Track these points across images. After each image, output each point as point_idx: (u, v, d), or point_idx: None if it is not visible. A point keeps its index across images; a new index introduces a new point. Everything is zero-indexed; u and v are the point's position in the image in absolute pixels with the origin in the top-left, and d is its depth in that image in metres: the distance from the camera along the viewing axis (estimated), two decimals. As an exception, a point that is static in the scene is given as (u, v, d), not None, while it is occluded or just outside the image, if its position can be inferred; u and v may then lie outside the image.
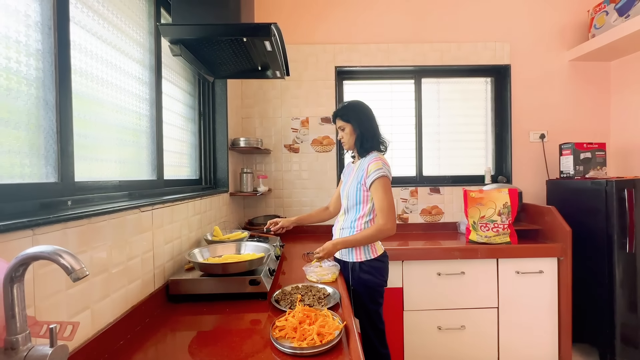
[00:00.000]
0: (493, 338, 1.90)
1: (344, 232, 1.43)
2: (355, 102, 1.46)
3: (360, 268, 1.36)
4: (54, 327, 0.51)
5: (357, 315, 1.37)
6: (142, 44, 1.26)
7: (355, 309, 1.35)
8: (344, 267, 1.42)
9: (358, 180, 1.38)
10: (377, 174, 1.32)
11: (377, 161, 1.34)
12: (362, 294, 1.36)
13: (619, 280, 1.80)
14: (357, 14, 2.40)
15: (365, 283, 1.36)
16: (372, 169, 1.33)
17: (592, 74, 2.44)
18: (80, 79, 0.93)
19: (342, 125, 1.44)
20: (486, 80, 2.53)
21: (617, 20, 2.10)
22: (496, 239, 1.91)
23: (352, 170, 1.49)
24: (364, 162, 1.39)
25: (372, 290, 1.37)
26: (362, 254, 1.37)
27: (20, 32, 0.74)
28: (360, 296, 1.36)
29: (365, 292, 1.36)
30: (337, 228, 1.49)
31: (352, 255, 1.39)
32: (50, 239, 0.66)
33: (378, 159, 1.35)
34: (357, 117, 1.42)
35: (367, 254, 1.37)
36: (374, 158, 1.36)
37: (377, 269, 1.38)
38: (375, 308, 1.38)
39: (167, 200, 1.19)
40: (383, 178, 1.32)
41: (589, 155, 2.15)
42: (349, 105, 1.45)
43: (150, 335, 0.90)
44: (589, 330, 1.96)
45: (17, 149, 0.73)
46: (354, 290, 1.37)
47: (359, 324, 1.38)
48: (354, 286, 1.37)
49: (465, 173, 2.51)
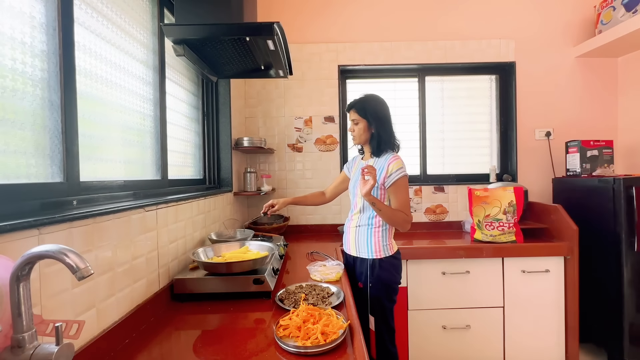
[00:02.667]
0: (498, 338, 1.89)
1: (361, 230, 1.41)
2: (375, 98, 1.42)
3: (380, 265, 1.36)
4: (59, 325, 0.51)
5: (372, 312, 1.37)
6: (145, 45, 1.27)
7: (371, 307, 1.36)
8: (360, 264, 1.41)
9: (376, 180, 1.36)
10: (398, 173, 1.33)
11: (398, 160, 1.35)
12: (379, 291, 1.36)
13: (627, 280, 1.77)
14: (360, 12, 2.39)
15: (383, 280, 1.35)
16: (393, 169, 1.33)
17: (599, 70, 2.41)
18: (85, 79, 0.93)
19: (357, 119, 1.41)
20: (491, 77, 2.50)
21: (624, 15, 2.07)
22: (501, 237, 1.89)
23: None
24: (382, 162, 1.38)
25: (389, 287, 1.37)
26: (381, 250, 1.37)
27: (26, 33, 0.74)
28: (377, 293, 1.36)
29: (383, 289, 1.36)
30: (352, 226, 1.45)
31: (371, 252, 1.37)
32: (55, 239, 0.67)
33: (397, 158, 1.36)
34: (375, 115, 1.39)
35: (386, 251, 1.37)
36: (393, 157, 1.36)
37: (395, 266, 1.39)
38: (390, 306, 1.38)
39: (172, 200, 1.19)
40: (404, 178, 1.34)
41: (596, 153, 2.12)
42: (368, 99, 1.41)
43: (155, 334, 0.90)
44: (597, 330, 1.93)
45: (23, 150, 0.74)
46: (371, 287, 1.36)
47: (374, 321, 1.37)
48: (371, 283, 1.36)
49: (470, 171, 2.49)
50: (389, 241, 1.40)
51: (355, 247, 1.43)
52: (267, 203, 1.58)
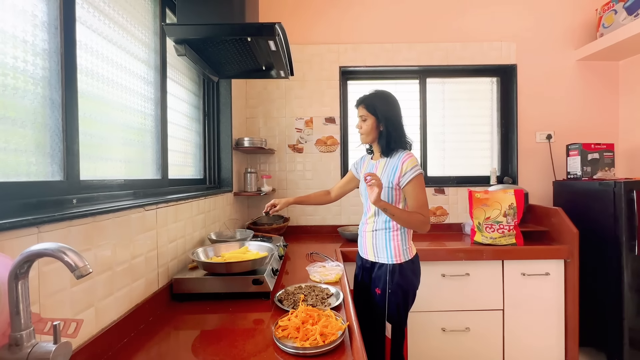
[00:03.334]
0: (498, 340, 1.88)
1: (378, 234, 1.34)
2: (385, 94, 1.35)
3: (400, 270, 1.29)
4: (57, 324, 0.51)
5: (389, 319, 1.30)
6: (147, 44, 1.27)
7: (389, 313, 1.29)
8: (378, 269, 1.34)
9: (389, 180, 1.30)
10: (414, 172, 1.26)
11: (412, 157, 1.29)
12: (398, 298, 1.29)
13: (628, 284, 1.77)
14: (362, 14, 2.39)
15: (403, 286, 1.29)
16: (407, 167, 1.27)
17: (600, 73, 2.41)
18: (86, 78, 0.93)
19: (365, 116, 1.34)
20: (492, 80, 2.50)
21: (625, 19, 2.07)
22: (502, 240, 1.89)
23: (374, 169, 1.40)
24: (394, 161, 1.31)
25: (408, 293, 1.31)
26: (401, 255, 1.30)
27: (27, 31, 0.75)
28: (396, 300, 1.29)
29: (402, 295, 1.29)
30: (368, 230, 1.38)
31: (391, 257, 1.31)
32: (55, 237, 0.67)
33: (411, 155, 1.30)
34: (385, 112, 1.32)
35: (406, 255, 1.31)
36: (407, 155, 1.30)
37: (414, 271, 1.33)
38: (407, 313, 1.33)
39: (171, 199, 1.19)
40: (420, 176, 1.27)
41: (597, 156, 2.12)
42: (378, 95, 1.35)
43: (153, 333, 0.90)
44: (597, 334, 1.93)
45: (23, 148, 0.74)
46: (390, 293, 1.29)
47: (391, 328, 1.30)
48: (391, 289, 1.29)
49: (471, 174, 2.48)
50: (409, 244, 1.33)
51: (373, 252, 1.36)
52: (269, 203, 1.55)
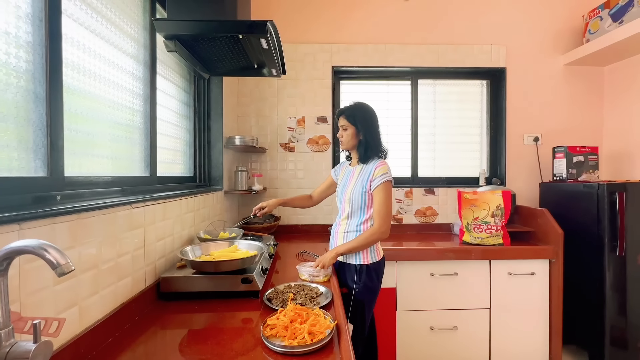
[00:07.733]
0: (485, 339, 1.91)
1: (349, 236, 1.41)
2: (364, 106, 1.44)
3: (367, 271, 1.36)
4: (37, 322, 0.50)
5: (352, 320, 1.35)
6: (136, 39, 1.25)
7: (352, 313, 1.34)
8: (347, 270, 1.41)
9: (363, 185, 1.38)
10: (382, 178, 1.35)
11: (384, 165, 1.37)
12: (364, 297, 1.36)
13: (610, 283, 1.82)
14: (355, 14, 2.40)
15: (369, 286, 1.36)
16: (378, 173, 1.35)
17: (586, 78, 2.47)
18: (72, 72, 0.91)
19: (346, 125, 1.43)
20: (482, 82, 2.54)
21: (610, 25, 2.12)
22: (489, 240, 1.92)
23: (351, 174, 1.48)
24: (369, 167, 1.40)
25: (374, 292, 1.38)
26: (369, 256, 1.38)
27: (10, 23, 0.72)
28: (362, 299, 1.36)
29: (368, 294, 1.37)
30: (340, 231, 1.46)
31: (359, 258, 1.38)
32: (37, 234, 0.65)
33: (384, 163, 1.38)
34: (364, 122, 1.41)
35: (374, 257, 1.38)
36: (380, 162, 1.39)
37: (378, 272, 1.40)
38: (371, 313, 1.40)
39: (160, 197, 1.18)
40: (387, 183, 1.35)
41: (582, 159, 2.17)
42: (357, 107, 1.44)
43: (139, 333, 0.89)
44: (580, 332, 1.98)
45: (5, 143, 0.72)
46: (357, 292, 1.35)
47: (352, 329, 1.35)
48: (358, 289, 1.35)
49: (460, 175, 2.52)
50: (377, 246, 1.42)
51: None
52: (257, 205, 1.59)
